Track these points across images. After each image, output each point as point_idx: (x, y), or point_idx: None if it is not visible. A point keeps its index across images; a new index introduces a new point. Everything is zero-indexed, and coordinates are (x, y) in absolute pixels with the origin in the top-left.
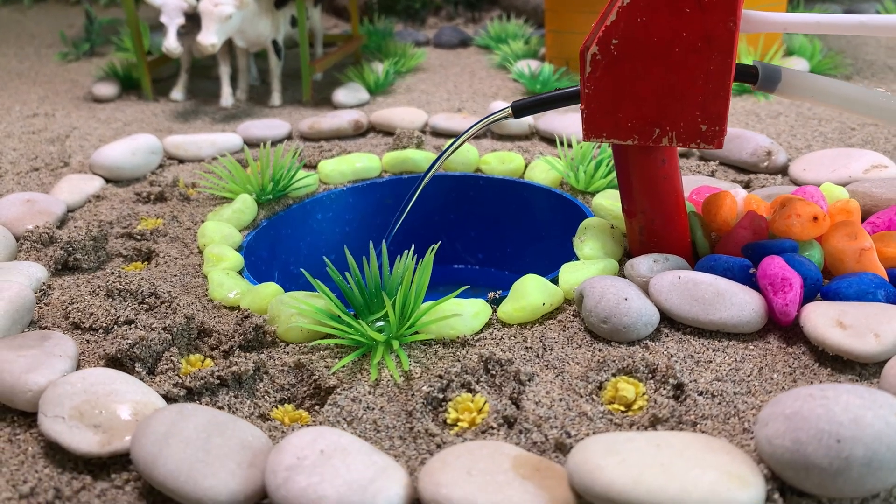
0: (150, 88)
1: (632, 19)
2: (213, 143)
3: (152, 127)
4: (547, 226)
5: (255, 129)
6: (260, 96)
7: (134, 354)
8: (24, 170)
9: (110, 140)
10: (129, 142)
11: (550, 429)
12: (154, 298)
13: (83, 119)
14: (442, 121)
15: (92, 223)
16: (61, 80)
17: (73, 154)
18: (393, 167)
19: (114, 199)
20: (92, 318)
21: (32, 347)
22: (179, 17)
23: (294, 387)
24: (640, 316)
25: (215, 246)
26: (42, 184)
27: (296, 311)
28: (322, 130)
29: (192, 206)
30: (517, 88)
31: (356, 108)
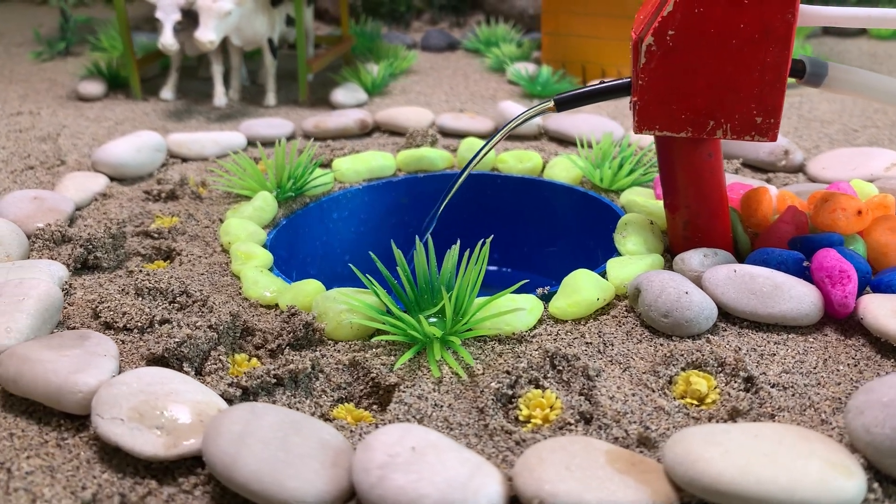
0: (139, 87)
1: (689, 10)
2: (217, 141)
3: (146, 126)
4: (568, 225)
5: (258, 128)
6: (252, 96)
7: (181, 354)
8: (19, 168)
9: (104, 139)
10: (134, 139)
11: (629, 424)
12: (185, 297)
13: (71, 117)
14: (449, 121)
15: (104, 221)
16: (38, 78)
17: (67, 152)
18: (407, 166)
19: (121, 197)
20: (126, 318)
21: (73, 347)
22: (175, 14)
23: (351, 385)
24: (701, 310)
25: (242, 243)
26: (40, 182)
27: (346, 308)
28: (328, 129)
29: (206, 204)
30: (514, 90)
31: (355, 108)
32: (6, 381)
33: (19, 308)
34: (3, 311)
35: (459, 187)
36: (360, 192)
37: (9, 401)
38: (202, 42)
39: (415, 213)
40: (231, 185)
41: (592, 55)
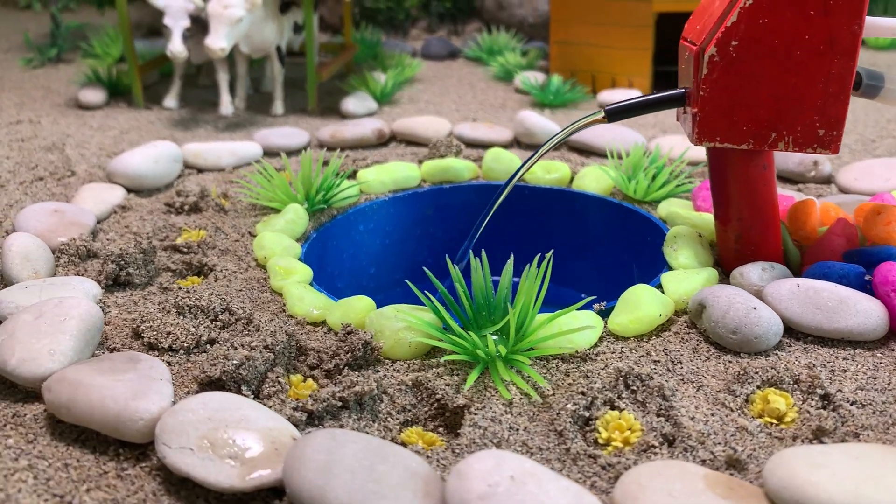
0: (142, 96)
1: (753, 21)
2: (233, 151)
3: (152, 136)
4: (600, 236)
5: (273, 138)
6: (257, 105)
7: (240, 376)
8: (28, 179)
9: (110, 148)
10: (150, 150)
11: (714, 445)
12: (228, 315)
13: (73, 126)
14: (467, 130)
15: (128, 235)
16: (32, 85)
17: (76, 162)
18: (432, 176)
19: (140, 209)
20: (171, 338)
21: (126, 371)
22: (185, 20)
23: (415, 407)
24: (770, 325)
25: (280, 258)
26: (52, 193)
27: (404, 326)
28: (345, 139)
29: (231, 216)
30: (524, 100)
31: (365, 117)
32: (57, 407)
33: (61, 329)
34: (46, 332)
35: (482, 198)
36: (386, 204)
37: (57, 428)
38: (213, 49)
39: (440, 225)
40: (258, 197)
41: (603, 64)
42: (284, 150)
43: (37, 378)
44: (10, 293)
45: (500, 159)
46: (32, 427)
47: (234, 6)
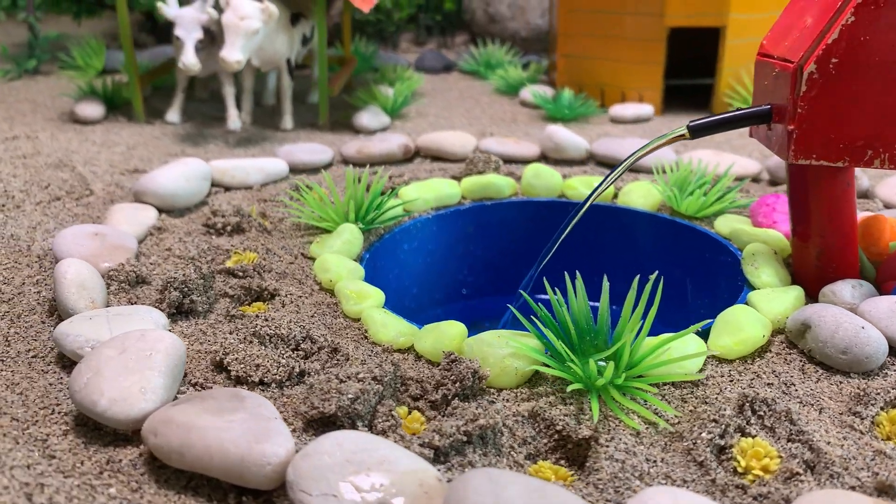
0: (143, 110)
1: (854, 38)
2: (262, 168)
3: (161, 152)
4: (649, 254)
5: (298, 154)
6: (259, 119)
7: (355, 411)
8: (44, 199)
9: (120, 164)
10: (181, 167)
11: (858, 470)
12: (310, 343)
13: (75, 142)
14: (494, 145)
15: (172, 259)
16: (15, 98)
17: (91, 180)
18: (472, 193)
19: (177, 230)
20: (261, 371)
21: (235, 410)
22: (197, 31)
23: (535, 439)
24: (879, 345)
25: (349, 282)
26: (75, 214)
27: (509, 352)
28: (372, 155)
29: (276, 237)
30: (532, 113)
31: (379, 132)
32: (167, 452)
33: (149, 365)
34: (133, 368)
35: (523, 215)
36: (429, 222)
37: (161, 474)
38: (229, 62)
39: (480, 243)
40: (308, 216)
41: (611, 78)
42: (310, 166)
43: (130, 420)
44: (76, 326)
45: (541, 175)
46: (133, 474)
47: (250, 17)
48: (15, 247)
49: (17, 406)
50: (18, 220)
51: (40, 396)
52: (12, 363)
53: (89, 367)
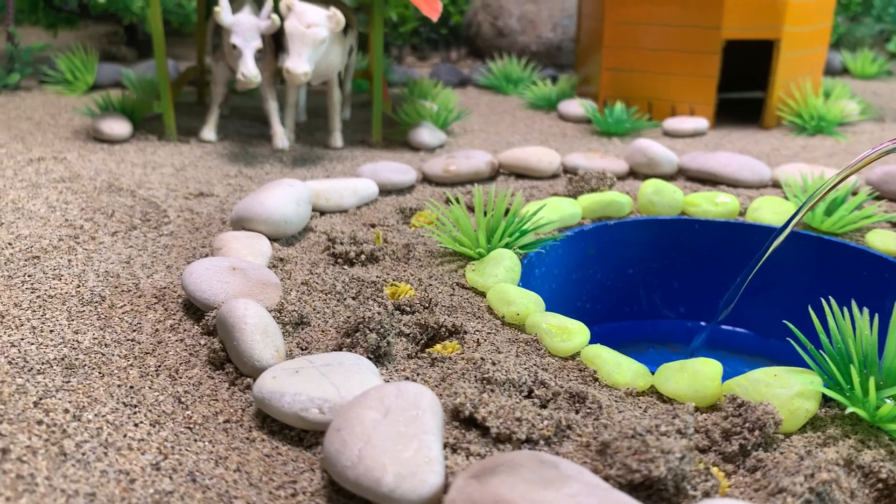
0: (174, 127)
1: None
2: (355, 191)
3: (218, 173)
4: (779, 271)
5: (387, 174)
6: (302, 136)
7: (682, 473)
8: (119, 228)
9: (180, 188)
10: (286, 190)
11: None
12: (543, 389)
13: (111, 163)
14: (581, 161)
15: (317, 294)
16: (9, 116)
17: (163, 206)
18: (592, 212)
19: (299, 260)
20: (525, 426)
21: (564, 481)
22: (256, 40)
23: (859, 491)
24: None
25: (544, 316)
26: (168, 245)
27: (796, 392)
28: (460, 174)
29: (415, 265)
30: (579, 128)
31: (437, 148)
32: None
33: (422, 428)
34: (408, 434)
35: (638, 231)
36: (554, 247)
37: None
38: (296, 74)
39: (599, 266)
40: (450, 242)
41: (660, 91)
42: (399, 186)
43: (423, 500)
44: (285, 382)
45: (663, 192)
46: None
47: (318, 25)
48: (120, 286)
49: (242, 487)
50: (103, 254)
51: (265, 473)
52: (205, 432)
53: (356, 435)
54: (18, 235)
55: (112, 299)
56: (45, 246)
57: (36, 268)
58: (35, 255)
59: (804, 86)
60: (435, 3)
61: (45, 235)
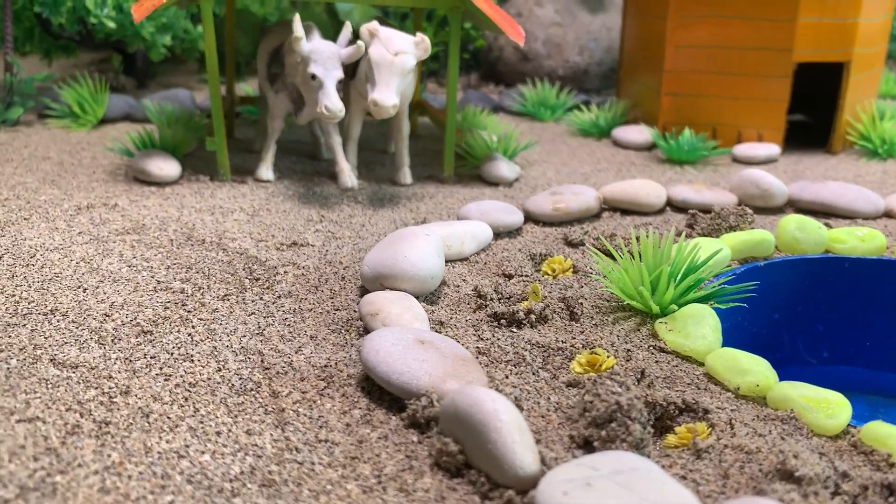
0: (229, 167)
1: None
2: (474, 235)
3: (298, 217)
4: None
5: (495, 214)
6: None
7: None
8: (228, 291)
9: (263, 235)
10: (428, 241)
11: None
12: (850, 483)
13: (172, 209)
14: (691, 194)
15: (516, 368)
16: (22, 156)
17: (263, 260)
18: (739, 253)
19: (461, 325)
20: None
21: None
22: (337, 69)
23: None
24: None
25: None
26: (293, 311)
27: None
28: (570, 211)
29: (588, 323)
30: (646, 156)
31: (514, 182)
32: None
33: None
34: None
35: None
36: None
37: None
38: (385, 107)
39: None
40: (630, 295)
41: (726, 117)
42: (508, 228)
43: None
44: (592, 501)
45: (807, 228)
46: None
47: (405, 52)
48: (270, 367)
49: None
50: (226, 325)
51: None
52: None
53: None
54: (112, 304)
55: (270, 385)
56: (152, 317)
57: (154, 346)
58: (144, 328)
59: (868, 108)
60: (518, 26)
61: (145, 303)
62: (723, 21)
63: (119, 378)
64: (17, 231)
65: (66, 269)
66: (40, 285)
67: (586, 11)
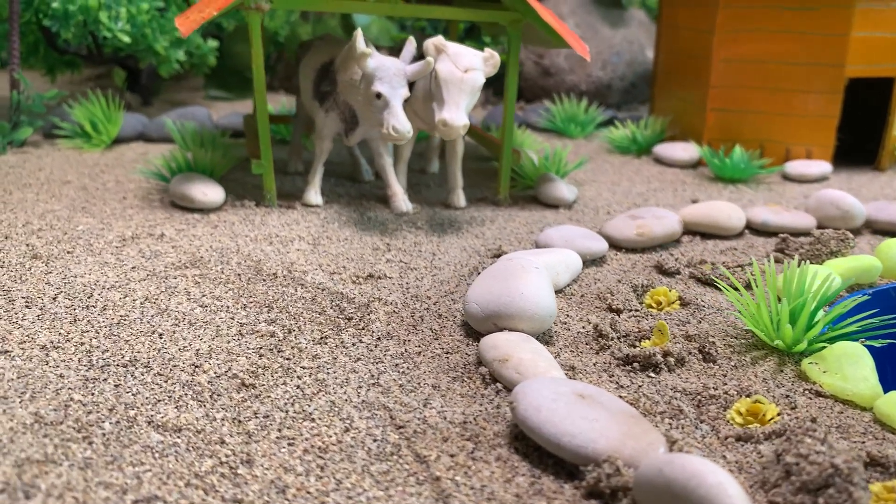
0: (275, 191)
1: None
2: (567, 265)
3: (365, 246)
4: None
5: (580, 241)
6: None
7: None
8: (324, 334)
9: (339, 270)
10: (540, 274)
11: None
12: None
13: (226, 238)
14: (770, 216)
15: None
16: (38, 180)
17: (349, 296)
18: (846, 281)
19: (591, 370)
20: None
21: None
22: (403, 87)
23: None
24: None
25: None
26: (403, 356)
27: None
28: (655, 236)
29: (727, 365)
30: (691, 173)
31: (573, 204)
32: None
33: None
34: None
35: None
36: None
37: None
38: (455, 128)
39: None
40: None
41: (774, 133)
42: (595, 255)
43: None
44: None
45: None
46: None
47: (476, 69)
48: (404, 426)
49: None
50: (336, 375)
51: None
52: None
53: None
54: (198, 352)
55: (411, 447)
56: (248, 367)
57: (262, 402)
58: (244, 381)
59: None
60: (583, 42)
61: (234, 350)
62: (772, 35)
63: (234, 444)
64: (63, 266)
65: (131, 310)
66: (109, 331)
67: (608, 26)
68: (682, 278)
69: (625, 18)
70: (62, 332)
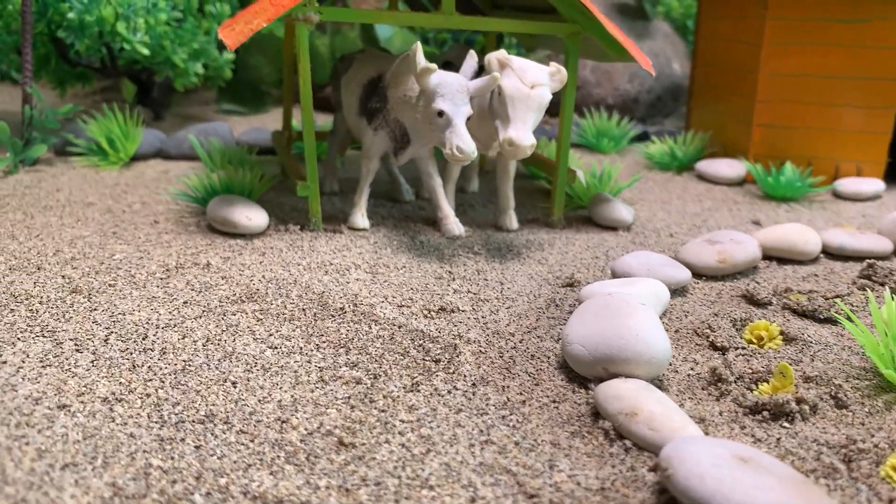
0: (321, 216)
1: None
2: (658, 297)
3: (427, 275)
4: None
5: (662, 270)
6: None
7: None
8: (414, 378)
9: (407, 302)
10: (649, 313)
11: None
12: None
13: (279, 267)
14: (848, 239)
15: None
16: (56, 201)
17: (431, 335)
18: None
19: (718, 422)
20: None
21: None
22: (466, 104)
23: None
24: None
25: None
26: (504, 406)
27: None
28: (736, 263)
29: (860, 412)
30: (737, 191)
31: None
32: None
33: None
34: None
35: None
36: None
37: None
38: (523, 147)
39: None
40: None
41: (823, 149)
42: (678, 285)
43: None
44: None
45: None
46: None
47: (543, 84)
48: (534, 494)
49: None
50: (439, 430)
51: None
52: None
53: None
54: (280, 404)
55: None
56: (341, 421)
57: (368, 466)
58: (340, 439)
59: None
60: (647, 57)
61: (320, 401)
62: (822, 49)
63: None
64: (108, 302)
65: (194, 354)
66: (174, 379)
67: (633, 38)
68: (774, 309)
69: (650, 30)
70: (122, 382)
